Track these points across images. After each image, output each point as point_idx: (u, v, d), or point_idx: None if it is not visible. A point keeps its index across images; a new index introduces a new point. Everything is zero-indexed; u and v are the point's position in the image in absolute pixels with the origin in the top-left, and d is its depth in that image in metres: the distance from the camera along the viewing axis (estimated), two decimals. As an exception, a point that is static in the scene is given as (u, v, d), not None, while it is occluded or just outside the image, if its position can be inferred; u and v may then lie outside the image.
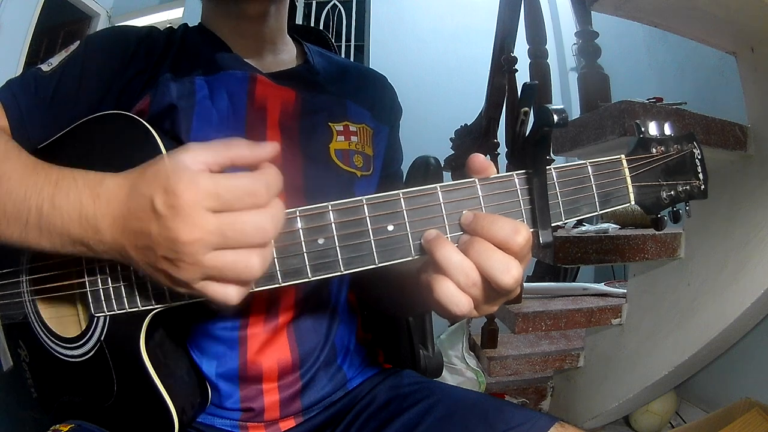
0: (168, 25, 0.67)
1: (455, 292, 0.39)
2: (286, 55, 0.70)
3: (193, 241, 0.34)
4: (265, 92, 0.62)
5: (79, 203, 0.39)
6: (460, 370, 1.68)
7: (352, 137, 0.65)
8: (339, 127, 0.65)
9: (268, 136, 0.61)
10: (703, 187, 0.46)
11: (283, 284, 0.41)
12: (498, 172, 0.42)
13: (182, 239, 0.34)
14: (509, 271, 0.37)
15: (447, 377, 1.64)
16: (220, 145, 0.37)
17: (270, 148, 0.39)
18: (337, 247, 0.40)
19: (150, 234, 0.36)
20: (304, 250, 0.40)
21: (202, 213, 0.34)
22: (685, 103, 1.27)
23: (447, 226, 0.41)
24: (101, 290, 0.47)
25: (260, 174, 0.36)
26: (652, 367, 1.42)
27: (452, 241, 0.40)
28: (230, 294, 0.37)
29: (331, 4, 3.77)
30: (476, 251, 0.38)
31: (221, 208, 0.35)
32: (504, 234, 0.38)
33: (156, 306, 0.46)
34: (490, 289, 0.39)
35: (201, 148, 0.37)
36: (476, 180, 0.41)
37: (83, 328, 0.52)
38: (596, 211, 0.43)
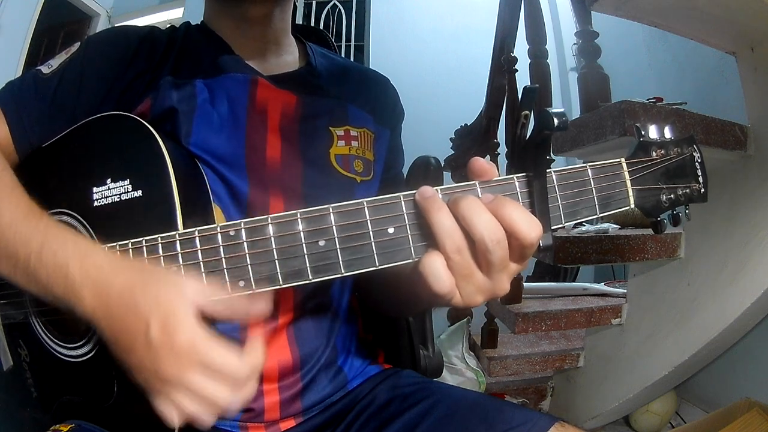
0: (169, 25, 0.67)
1: (441, 267, 0.39)
2: (290, 56, 0.70)
3: (174, 377, 0.38)
4: (266, 96, 0.62)
5: (65, 269, 0.41)
6: (460, 370, 1.68)
7: (352, 142, 0.65)
8: (340, 132, 0.65)
9: (268, 140, 0.61)
10: (703, 190, 0.46)
11: (284, 285, 0.41)
12: (498, 172, 0.42)
13: (165, 373, 0.37)
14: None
15: (447, 377, 1.64)
16: (224, 301, 0.40)
17: (263, 305, 0.41)
18: (338, 249, 0.40)
19: (136, 351, 0.39)
20: (305, 252, 0.40)
21: (190, 364, 0.37)
22: (685, 103, 1.27)
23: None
24: (102, 291, 0.47)
25: (247, 360, 0.39)
26: (652, 367, 1.42)
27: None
28: (202, 415, 0.39)
29: (331, 4, 3.77)
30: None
31: (207, 373, 0.38)
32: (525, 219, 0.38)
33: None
34: (479, 259, 0.39)
35: (206, 290, 0.40)
36: (476, 183, 0.41)
37: (84, 328, 0.52)
38: (596, 215, 0.43)
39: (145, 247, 0.44)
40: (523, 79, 1.55)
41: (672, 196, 0.45)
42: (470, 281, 0.40)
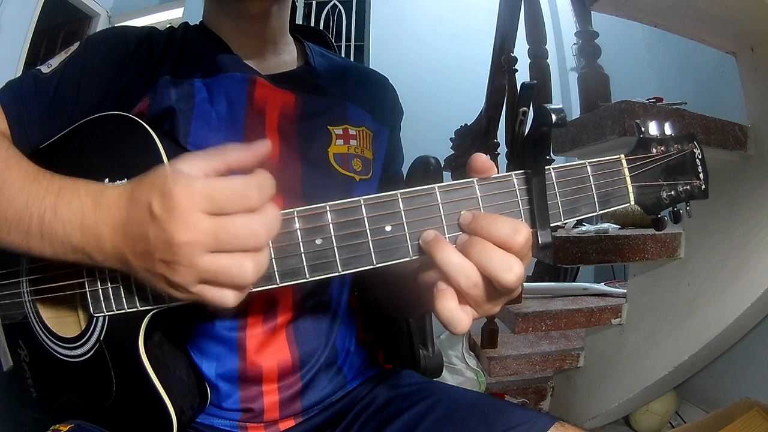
0: (168, 25, 0.67)
1: (455, 310, 0.39)
2: (288, 55, 0.70)
3: (188, 242, 0.35)
4: (265, 95, 0.62)
5: (81, 212, 0.40)
6: (460, 370, 1.68)
7: (351, 141, 0.65)
8: (338, 131, 0.65)
9: (266, 139, 0.60)
10: (703, 186, 0.46)
11: (281, 285, 0.40)
12: (498, 173, 0.42)
13: (177, 240, 0.35)
14: (511, 270, 0.37)
15: (447, 377, 1.64)
16: (215, 151, 0.38)
17: (264, 146, 0.39)
18: (335, 248, 0.40)
19: (148, 238, 0.36)
20: (302, 251, 0.40)
21: (197, 215, 0.35)
22: (685, 103, 1.27)
23: (445, 227, 0.40)
24: (100, 290, 0.47)
25: (251, 177, 0.37)
26: (652, 367, 1.41)
27: (450, 241, 0.40)
28: (226, 298, 0.37)
29: (331, 4, 3.77)
30: (477, 251, 0.38)
31: (215, 210, 0.35)
32: (504, 233, 0.38)
33: (154, 306, 0.46)
34: (492, 289, 0.38)
35: (197, 155, 0.38)
36: (474, 180, 0.41)
37: (83, 328, 0.52)
38: (596, 212, 0.43)
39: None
40: (522, 79, 1.54)
41: (672, 192, 0.45)
42: (486, 302, 0.40)
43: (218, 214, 0.35)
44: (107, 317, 0.49)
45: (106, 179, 0.48)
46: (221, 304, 0.37)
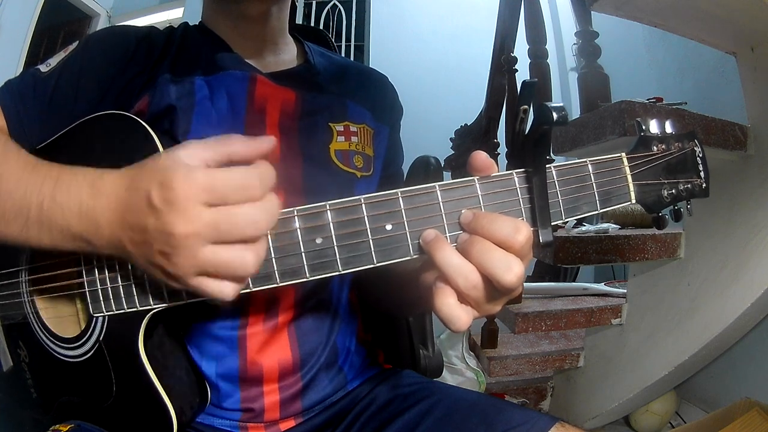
0: (168, 25, 0.67)
1: (454, 307, 0.39)
2: (287, 54, 0.70)
3: (188, 234, 0.34)
4: (265, 92, 0.62)
5: (79, 198, 0.39)
6: (460, 370, 1.68)
7: (352, 138, 0.65)
8: (339, 128, 0.65)
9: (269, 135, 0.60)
10: (704, 185, 0.46)
11: (281, 284, 0.40)
12: (498, 172, 0.42)
13: (177, 232, 0.34)
14: (511, 270, 0.37)
15: (447, 377, 1.63)
16: (217, 141, 0.38)
17: (266, 141, 0.39)
18: (335, 247, 0.40)
19: (146, 228, 0.36)
20: (302, 250, 0.40)
21: (197, 206, 0.34)
22: (685, 103, 1.27)
23: (446, 225, 0.40)
24: (100, 290, 0.47)
25: (253, 168, 0.36)
26: (652, 367, 1.41)
27: (451, 240, 0.40)
28: (225, 290, 0.37)
29: (331, 4, 3.77)
30: (477, 251, 0.38)
31: (216, 201, 0.35)
32: (504, 232, 0.37)
33: (154, 306, 0.45)
34: (492, 288, 0.38)
35: (198, 144, 0.37)
36: (475, 179, 0.41)
37: (82, 328, 0.52)
38: (597, 210, 0.43)
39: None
40: (522, 79, 1.54)
41: (673, 191, 0.45)
42: (486, 302, 0.40)
43: (218, 205, 0.35)
44: (107, 317, 0.49)
45: (106, 178, 0.48)
46: (220, 297, 0.37)
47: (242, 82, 0.62)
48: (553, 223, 0.41)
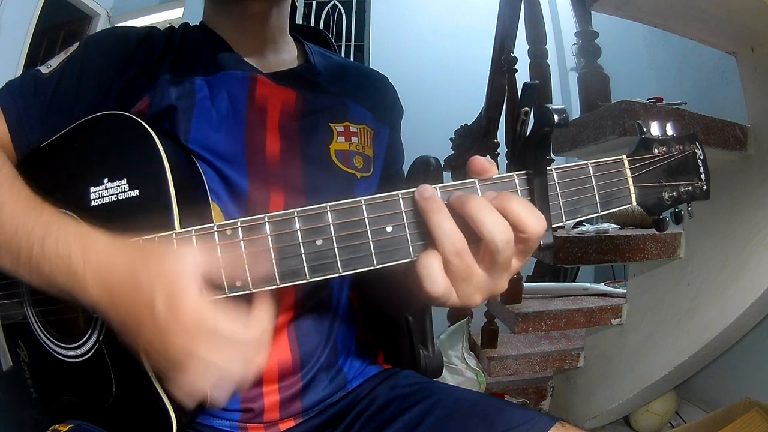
0: (168, 25, 0.67)
1: (435, 268, 0.38)
2: (288, 54, 0.70)
3: (182, 353, 0.37)
4: (266, 92, 0.62)
5: (67, 257, 0.40)
6: (460, 370, 1.68)
7: (352, 138, 0.65)
8: (339, 128, 0.65)
9: (267, 136, 0.60)
10: (705, 187, 0.46)
11: (281, 285, 0.40)
12: (498, 172, 0.42)
13: (173, 350, 0.37)
14: (502, 232, 0.37)
15: (447, 377, 1.63)
16: (225, 264, 0.40)
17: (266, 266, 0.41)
18: (336, 248, 0.40)
19: (142, 325, 0.38)
20: (302, 251, 0.40)
21: (196, 338, 0.37)
22: (685, 103, 1.27)
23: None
24: (100, 291, 0.47)
25: (255, 324, 0.39)
26: (652, 367, 1.41)
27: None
28: (200, 391, 0.39)
29: (331, 4, 3.77)
30: (474, 206, 0.38)
31: (215, 345, 0.37)
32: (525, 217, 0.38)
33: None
34: (472, 262, 0.38)
35: (205, 258, 0.40)
36: (476, 181, 0.41)
37: (82, 328, 0.52)
38: (597, 213, 0.43)
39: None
40: (523, 79, 1.53)
41: (674, 193, 0.45)
42: (469, 282, 0.39)
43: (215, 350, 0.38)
44: (107, 318, 0.49)
45: (105, 179, 0.48)
46: (195, 396, 0.39)
47: (243, 82, 0.62)
48: (553, 225, 0.41)
